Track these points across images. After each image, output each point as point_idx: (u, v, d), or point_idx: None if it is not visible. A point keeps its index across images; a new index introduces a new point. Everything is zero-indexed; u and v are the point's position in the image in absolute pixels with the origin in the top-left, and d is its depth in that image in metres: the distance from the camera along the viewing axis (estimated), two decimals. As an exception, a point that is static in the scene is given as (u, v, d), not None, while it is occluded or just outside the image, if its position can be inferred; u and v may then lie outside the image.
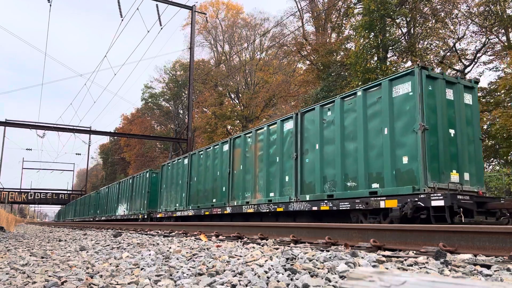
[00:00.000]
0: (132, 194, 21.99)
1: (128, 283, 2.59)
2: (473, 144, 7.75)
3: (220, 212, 12.32)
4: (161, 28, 22.41)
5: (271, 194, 10.37)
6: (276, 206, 9.91)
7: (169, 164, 17.47)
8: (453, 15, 20.58)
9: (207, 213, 13.09)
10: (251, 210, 10.82)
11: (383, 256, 3.54)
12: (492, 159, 21.70)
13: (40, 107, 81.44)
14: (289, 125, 10.10)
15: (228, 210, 11.88)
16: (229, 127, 37.60)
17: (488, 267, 2.90)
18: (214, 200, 13.04)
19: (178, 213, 15.39)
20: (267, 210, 10.20)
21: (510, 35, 19.99)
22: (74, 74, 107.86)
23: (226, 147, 12.83)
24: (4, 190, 54.62)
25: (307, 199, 9.07)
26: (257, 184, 11.02)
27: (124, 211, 23.15)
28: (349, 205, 7.85)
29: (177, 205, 15.94)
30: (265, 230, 6.73)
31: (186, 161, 15.68)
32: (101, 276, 2.93)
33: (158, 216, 17.59)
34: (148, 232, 10.11)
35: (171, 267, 3.12)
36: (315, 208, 8.69)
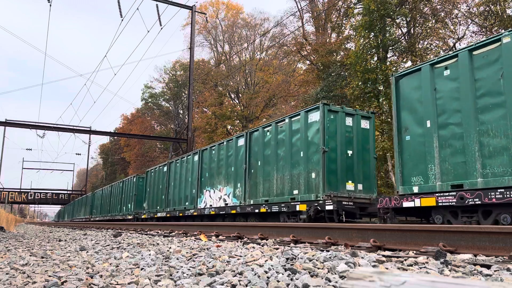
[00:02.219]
0: (253, 165, 11.61)
1: (128, 283, 2.59)
2: None
3: None
4: (161, 28, 22.44)
5: None
6: None
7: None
8: (453, 15, 20.58)
9: None
10: None
11: (383, 256, 3.54)
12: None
13: (40, 107, 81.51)
14: None
15: None
16: (229, 127, 37.62)
17: (488, 267, 2.90)
18: None
19: None
20: None
21: (510, 35, 19.97)
22: (74, 74, 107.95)
23: None
24: (4, 190, 54.67)
25: None
26: None
27: (227, 200, 12.70)
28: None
29: None
30: (265, 230, 6.73)
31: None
32: (101, 276, 2.93)
33: (406, 204, 6.67)
34: (148, 232, 10.11)
35: (171, 267, 3.12)
36: None
